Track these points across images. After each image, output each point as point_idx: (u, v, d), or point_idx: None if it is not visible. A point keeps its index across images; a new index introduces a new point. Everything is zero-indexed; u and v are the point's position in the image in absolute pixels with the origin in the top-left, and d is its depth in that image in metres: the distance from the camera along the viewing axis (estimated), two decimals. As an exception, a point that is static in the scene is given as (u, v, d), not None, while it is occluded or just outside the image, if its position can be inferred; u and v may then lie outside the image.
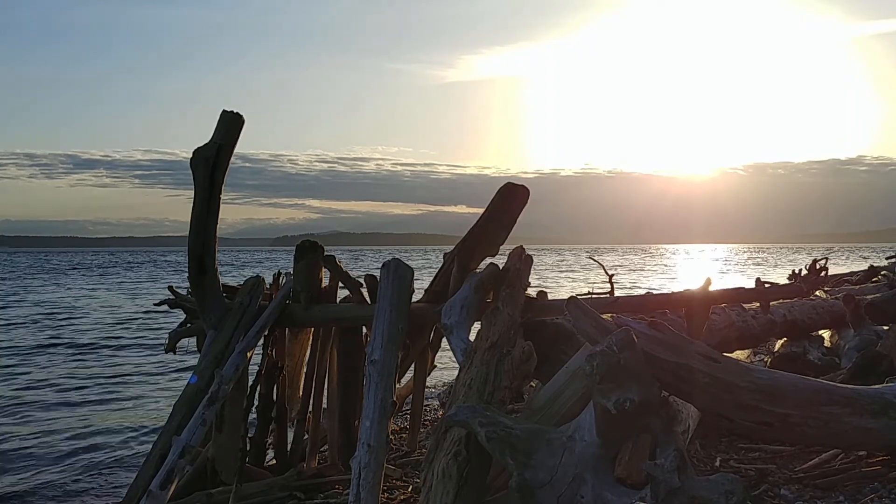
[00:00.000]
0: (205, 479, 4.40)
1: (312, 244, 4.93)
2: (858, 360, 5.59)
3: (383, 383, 3.81)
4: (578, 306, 3.60)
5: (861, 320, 7.37)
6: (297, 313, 4.84)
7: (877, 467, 3.76)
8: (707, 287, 5.16)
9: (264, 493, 4.35)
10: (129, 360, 12.86)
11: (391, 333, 4.03)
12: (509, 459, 2.91)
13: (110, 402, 9.38)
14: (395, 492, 4.43)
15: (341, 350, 4.96)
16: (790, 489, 3.70)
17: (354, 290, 4.89)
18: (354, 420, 4.76)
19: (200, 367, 4.50)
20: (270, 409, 4.85)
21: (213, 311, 4.60)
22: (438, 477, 3.00)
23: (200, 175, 4.36)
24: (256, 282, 4.83)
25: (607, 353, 2.90)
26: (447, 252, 4.96)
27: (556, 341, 4.41)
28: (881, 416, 3.56)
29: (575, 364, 3.41)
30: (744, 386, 3.46)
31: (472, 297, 4.44)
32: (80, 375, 11.37)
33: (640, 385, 2.90)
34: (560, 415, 3.31)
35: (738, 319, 6.75)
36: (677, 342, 3.45)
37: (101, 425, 8.10)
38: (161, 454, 4.13)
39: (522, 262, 4.75)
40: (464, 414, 3.04)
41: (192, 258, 4.49)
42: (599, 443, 2.92)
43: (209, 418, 4.16)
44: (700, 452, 4.45)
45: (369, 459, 3.50)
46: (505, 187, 4.68)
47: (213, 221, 4.47)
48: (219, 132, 4.39)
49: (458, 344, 4.13)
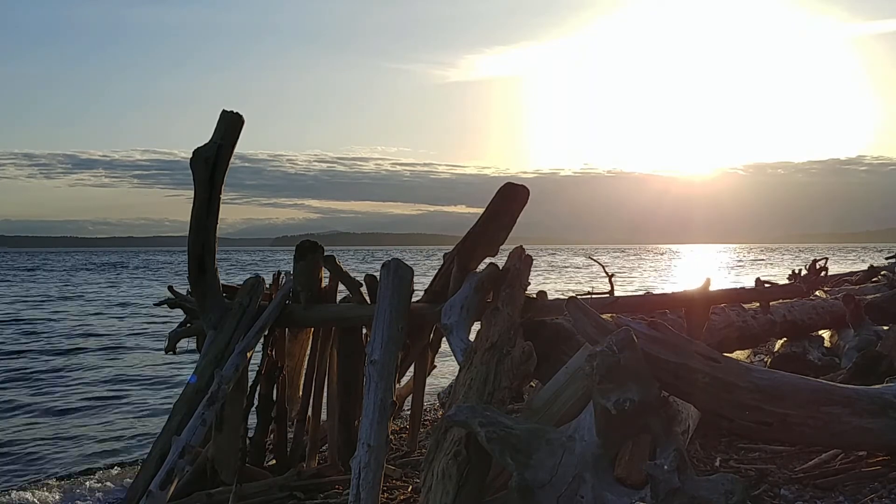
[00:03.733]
0: (205, 479, 4.40)
1: (312, 244, 4.93)
2: (858, 360, 5.59)
3: (383, 383, 3.81)
4: (578, 306, 3.60)
5: (861, 320, 7.37)
6: (297, 313, 4.84)
7: (877, 467, 3.76)
8: (707, 287, 5.16)
9: (264, 493, 4.35)
10: (130, 361, 12.87)
11: (391, 333, 4.02)
12: (509, 459, 2.91)
13: (110, 403, 9.38)
14: (395, 492, 4.43)
15: (341, 350, 4.95)
16: (790, 489, 3.70)
17: (354, 290, 4.89)
18: (354, 420, 4.75)
19: (200, 367, 4.50)
20: (270, 409, 4.85)
21: (213, 311, 4.60)
22: (438, 477, 3.00)
23: (200, 175, 4.36)
24: (256, 282, 4.83)
25: (607, 353, 2.89)
26: (447, 252, 4.96)
27: (556, 341, 4.40)
28: (881, 416, 3.56)
29: (575, 364, 3.41)
30: (744, 386, 3.46)
31: (471, 297, 4.44)
32: (81, 374, 11.38)
33: (639, 385, 2.90)
34: (560, 415, 3.31)
35: (738, 319, 6.75)
36: (677, 342, 3.45)
37: (102, 425, 8.11)
38: (161, 454, 4.13)
39: (522, 262, 4.74)
40: (464, 414, 3.04)
41: (192, 258, 4.49)
42: (599, 443, 2.92)
43: (209, 418, 4.16)
44: (700, 452, 4.45)
45: (369, 459, 3.50)
46: (505, 187, 4.68)
47: (213, 221, 4.47)
48: (219, 132, 4.39)
49: (458, 344, 4.13)
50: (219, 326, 4.59)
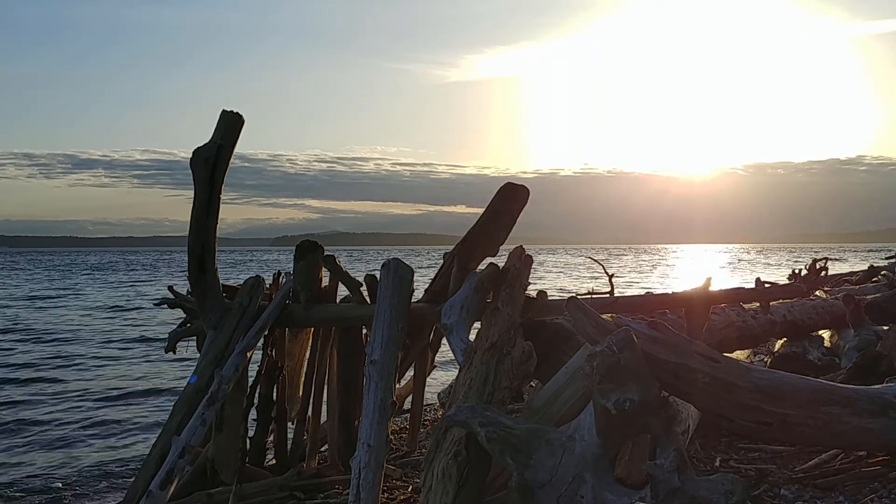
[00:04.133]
0: (205, 479, 4.40)
1: (312, 244, 4.93)
2: (858, 360, 5.59)
3: (383, 383, 3.81)
4: (578, 306, 3.60)
5: (861, 320, 7.37)
6: (297, 313, 4.84)
7: (877, 467, 3.75)
8: (707, 287, 5.16)
9: (264, 493, 4.34)
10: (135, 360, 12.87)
11: (391, 333, 4.02)
12: (509, 459, 2.91)
13: (110, 402, 9.38)
14: (395, 492, 4.43)
15: (341, 350, 4.95)
16: (790, 489, 3.70)
17: (354, 290, 4.89)
18: (354, 420, 4.75)
19: (200, 367, 4.50)
20: (270, 409, 4.85)
21: (213, 311, 4.60)
22: (438, 477, 3.00)
23: (200, 175, 4.36)
24: (256, 282, 4.83)
25: (607, 353, 2.89)
26: (447, 252, 4.95)
27: (556, 341, 4.40)
28: (881, 416, 3.55)
29: (575, 364, 3.41)
30: (744, 386, 3.45)
31: (472, 297, 4.44)
32: (82, 375, 11.37)
33: (639, 385, 2.90)
34: (560, 415, 3.31)
35: (738, 319, 6.75)
36: (677, 342, 3.45)
37: (101, 425, 8.11)
38: (161, 454, 4.13)
39: (522, 262, 4.74)
40: (464, 414, 3.04)
41: (191, 258, 4.49)
42: (599, 443, 2.92)
43: (209, 418, 4.16)
44: (700, 452, 4.45)
45: (369, 459, 3.50)
46: (505, 187, 4.67)
47: (213, 221, 4.47)
48: (219, 132, 4.39)
49: (457, 344, 4.13)
50: (219, 326, 4.59)
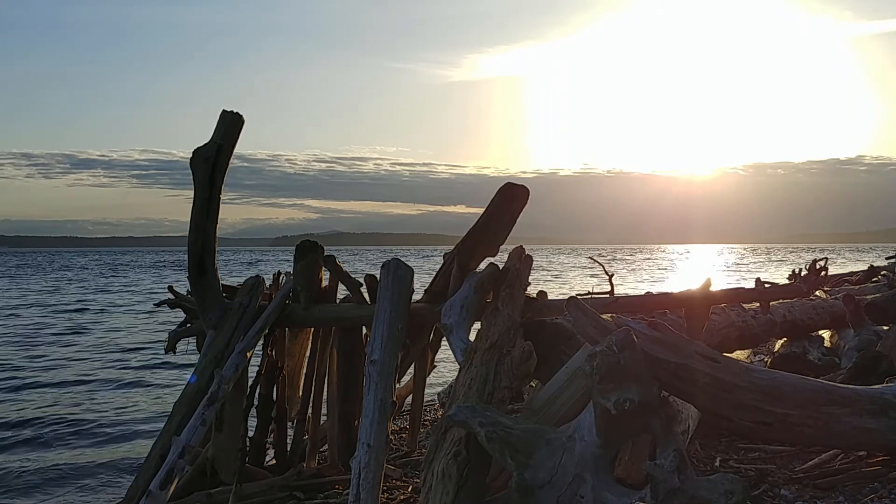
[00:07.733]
0: (205, 479, 4.40)
1: (312, 244, 4.93)
2: (858, 360, 5.59)
3: (383, 383, 3.81)
4: (578, 306, 3.60)
5: (861, 320, 7.36)
6: (297, 313, 4.84)
7: (877, 467, 3.75)
8: (707, 287, 5.16)
9: (264, 493, 4.34)
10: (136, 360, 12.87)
11: (391, 333, 4.03)
12: (509, 459, 2.91)
13: (110, 402, 9.38)
14: (395, 492, 4.43)
15: (341, 350, 4.95)
16: (790, 489, 3.70)
17: (354, 290, 4.89)
18: (354, 420, 4.75)
19: (200, 367, 4.50)
20: (270, 409, 4.85)
21: (213, 311, 4.60)
22: (438, 477, 3.00)
23: (200, 175, 4.36)
24: (256, 282, 4.83)
25: (607, 353, 2.89)
26: (447, 252, 4.95)
27: (556, 341, 4.40)
28: (881, 416, 3.55)
29: (575, 364, 3.41)
30: (744, 386, 3.45)
31: (471, 297, 4.44)
32: (84, 375, 11.37)
33: (640, 385, 2.90)
34: (560, 415, 3.31)
35: (738, 319, 6.75)
36: (677, 342, 3.45)
37: (102, 425, 8.11)
38: (161, 454, 4.13)
39: (522, 262, 4.74)
40: (464, 414, 3.04)
41: (191, 258, 4.49)
42: (599, 443, 2.92)
43: (209, 418, 4.16)
44: (700, 452, 4.45)
45: (369, 459, 3.50)
46: (505, 187, 4.67)
47: (213, 221, 4.47)
48: (218, 132, 4.39)
49: (457, 344, 4.12)
50: (219, 326, 4.59)
